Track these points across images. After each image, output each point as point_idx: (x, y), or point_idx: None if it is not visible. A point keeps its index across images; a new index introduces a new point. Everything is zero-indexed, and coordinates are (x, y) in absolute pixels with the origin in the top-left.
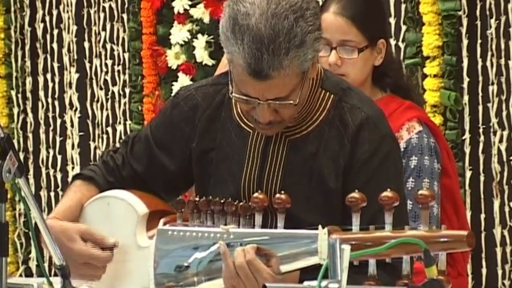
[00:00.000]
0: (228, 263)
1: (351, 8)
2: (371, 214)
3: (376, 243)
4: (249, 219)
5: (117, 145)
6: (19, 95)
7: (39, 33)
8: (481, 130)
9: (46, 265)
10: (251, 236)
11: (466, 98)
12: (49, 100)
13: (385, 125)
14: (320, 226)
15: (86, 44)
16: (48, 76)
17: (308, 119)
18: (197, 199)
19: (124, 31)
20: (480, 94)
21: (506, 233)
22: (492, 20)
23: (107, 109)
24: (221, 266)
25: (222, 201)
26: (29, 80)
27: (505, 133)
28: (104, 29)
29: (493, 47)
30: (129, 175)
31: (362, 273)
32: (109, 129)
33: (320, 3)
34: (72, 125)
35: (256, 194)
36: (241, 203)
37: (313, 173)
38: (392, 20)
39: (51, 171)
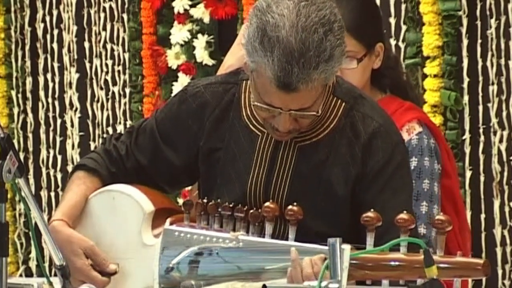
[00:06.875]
0: (297, 271)
1: (347, 19)
2: (385, 222)
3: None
4: (258, 226)
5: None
6: (19, 95)
7: (39, 33)
8: (481, 130)
9: (46, 265)
10: (261, 245)
11: (466, 98)
12: (49, 100)
13: (396, 132)
14: None
15: (86, 44)
16: (48, 76)
17: (319, 126)
18: (205, 201)
19: (124, 31)
20: (480, 94)
21: (506, 233)
22: (492, 20)
23: (107, 109)
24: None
25: (231, 205)
26: (29, 80)
27: (505, 133)
28: (104, 29)
29: (493, 47)
30: (133, 167)
31: None
32: (110, 129)
33: None
34: (72, 125)
35: (267, 203)
36: (251, 211)
37: (321, 180)
38: (392, 20)
39: (51, 171)
